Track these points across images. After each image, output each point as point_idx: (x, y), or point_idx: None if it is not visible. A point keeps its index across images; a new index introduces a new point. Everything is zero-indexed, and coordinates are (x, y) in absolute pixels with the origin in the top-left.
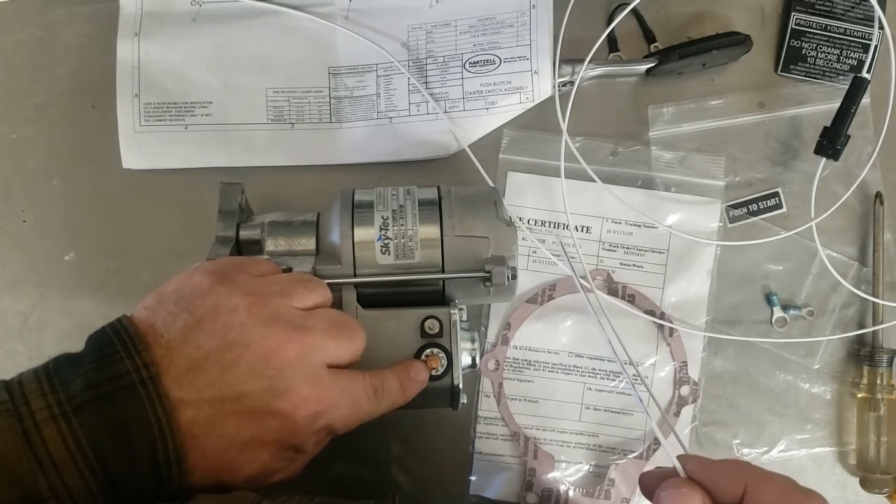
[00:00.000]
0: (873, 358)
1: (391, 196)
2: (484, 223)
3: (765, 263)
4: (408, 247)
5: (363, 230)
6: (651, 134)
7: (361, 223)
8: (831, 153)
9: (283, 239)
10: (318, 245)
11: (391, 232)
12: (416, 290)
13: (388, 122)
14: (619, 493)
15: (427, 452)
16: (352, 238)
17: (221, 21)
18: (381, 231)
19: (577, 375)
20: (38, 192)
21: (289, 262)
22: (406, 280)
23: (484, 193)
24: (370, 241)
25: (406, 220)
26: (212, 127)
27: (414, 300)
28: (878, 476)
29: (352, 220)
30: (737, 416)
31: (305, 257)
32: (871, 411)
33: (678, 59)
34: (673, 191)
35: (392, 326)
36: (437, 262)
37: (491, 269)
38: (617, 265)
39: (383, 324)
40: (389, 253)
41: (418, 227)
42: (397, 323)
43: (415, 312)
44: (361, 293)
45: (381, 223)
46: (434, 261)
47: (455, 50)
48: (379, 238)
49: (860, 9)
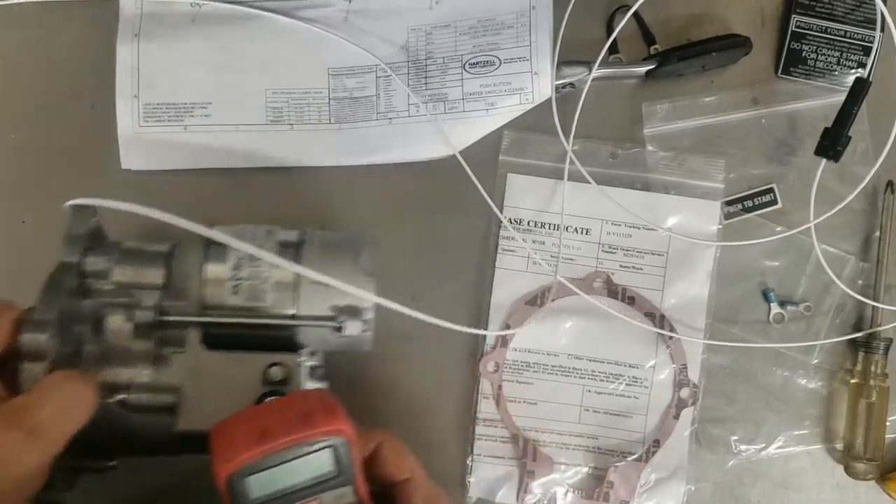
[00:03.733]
0: (870, 345)
1: (251, 235)
2: (342, 271)
3: (761, 260)
4: (260, 289)
5: (216, 267)
6: (646, 131)
7: (215, 260)
8: (832, 154)
9: (132, 269)
10: (169, 278)
11: (245, 272)
12: (266, 334)
13: (388, 123)
14: (619, 496)
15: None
16: (200, 275)
17: (221, 22)
18: (235, 271)
19: (577, 377)
20: (38, 192)
21: (135, 295)
22: (254, 324)
23: (348, 240)
24: (222, 279)
25: (262, 262)
26: (211, 128)
27: (263, 344)
28: (863, 464)
29: (204, 257)
30: (734, 413)
31: (151, 291)
32: (863, 398)
33: (678, 61)
34: (672, 193)
35: (233, 371)
36: (290, 307)
37: (343, 319)
38: (617, 267)
39: (224, 368)
40: (240, 294)
41: (273, 269)
42: (239, 368)
43: (260, 358)
44: (208, 333)
45: (234, 263)
46: (286, 306)
47: (455, 51)
48: (231, 278)
49: (861, 11)
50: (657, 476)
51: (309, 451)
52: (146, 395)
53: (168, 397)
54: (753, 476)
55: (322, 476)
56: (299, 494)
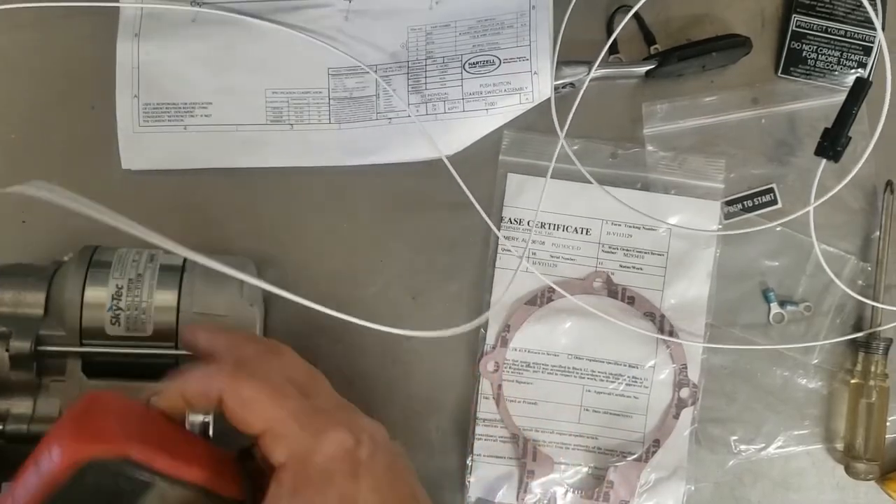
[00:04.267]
0: (870, 345)
1: (132, 261)
2: (226, 301)
3: (761, 260)
4: (140, 319)
5: (95, 293)
6: (645, 131)
7: (95, 285)
8: (832, 155)
9: (11, 293)
10: (48, 304)
11: (124, 302)
12: (148, 362)
13: (388, 123)
14: (618, 496)
15: (425, 454)
16: (80, 305)
17: (221, 22)
18: (114, 300)
19: (577, 377)
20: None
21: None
22: (135, 354)
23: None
24: (101, 304)
25: (142, 291)
26: (211, 128)
27: (147, 373)
28: (863, 464)
29: (83, 285)
30: (734, 413)
31: (31, 322)
32: (863, 398)
33: (678, 61)
34: (672, 193)
35: None
36: (172, 336)
37: None
38: (617, 267)
39: None
40: (120, 324)
41: (154, 299)
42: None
43: (144, 386)
44: (89, 362)
45: (114, 292)
46: (168, 336)
47: (455, 51)
48: (110, 308)
49: (862, 11)
50: (657, 476)
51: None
52: (25, 425)
53: (47, 427)
54: (753, 476)
55: (134, 496)
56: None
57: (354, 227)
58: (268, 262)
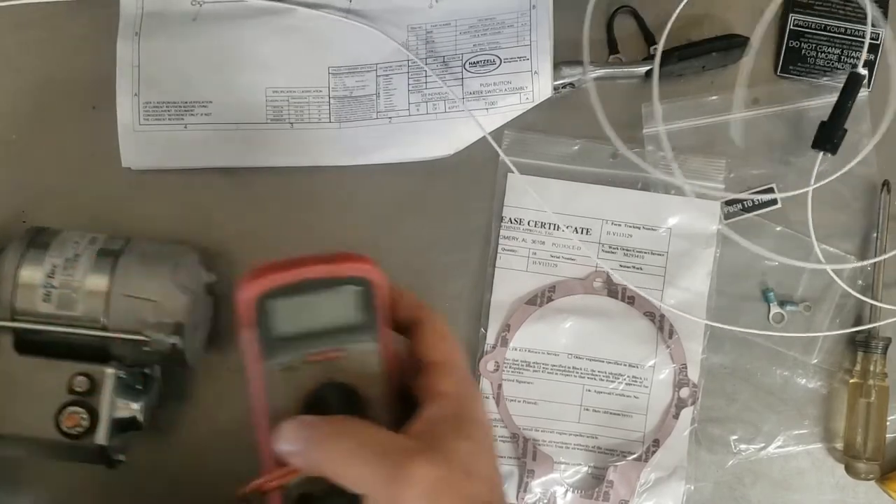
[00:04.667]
0: (868, 344)
1: (73, 242)
2: (157, 285)
3: (761, 260)
4: (71, 298)
5: (30, 272)
6: (645, 131)
7: (32, 264)
8: (829, 147)
9: None
10: None
11: (57, 280)
12: (79, 342)
13: (388, 122)
14: (618, 495)
15: None
16: (13, 280)
17: (222, 21)
18: (48, 278)
19: (577, 377)
20: (38, 192)
21: None
22: (63, 332)
23: (170, 252)
24: (34, 285)
25: (76, 271)
26: (211, 126)
27: (77, 353)
28: (863, 463)
29: (19, 261)
30: (734, 413)
31: None
32: (862, 397)
33: (678, 61)
34: (672, 193)
35: (41, 377)
36: (100, 317)
37: (149, 335)
38: (617, 267)
39: (33, 373)
40: (51, 302)
41: (86, 279)
42: (47, 375)
43: (68, 366)
44: (20, 339)
45: (49, 270)
46: (97, 317)
47: (455, 50)
48: (43, 285)
49: (860, 7)
50: (657, 475)
51: (336, 285)
52: None
53: None
54: (753, 476)
55: (347, 324)
56: (324, 341)
57: (354, 227)
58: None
